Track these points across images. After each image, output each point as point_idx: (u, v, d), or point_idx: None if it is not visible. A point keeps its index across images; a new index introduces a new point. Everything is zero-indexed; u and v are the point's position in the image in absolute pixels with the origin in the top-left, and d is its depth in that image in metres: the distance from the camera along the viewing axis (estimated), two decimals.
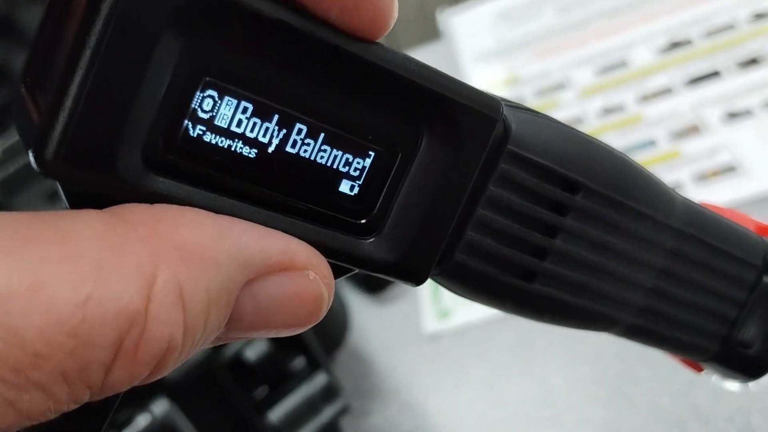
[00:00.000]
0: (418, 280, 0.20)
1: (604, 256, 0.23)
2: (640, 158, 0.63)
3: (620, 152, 0.23)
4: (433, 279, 0.21)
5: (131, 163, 0.16)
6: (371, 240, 0.20)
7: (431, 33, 0.89)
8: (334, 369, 0.59)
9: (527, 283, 0.22)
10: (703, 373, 0.28)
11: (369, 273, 0.20)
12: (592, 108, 0.70)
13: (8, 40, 0.61)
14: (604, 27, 0.77)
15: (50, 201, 0.44)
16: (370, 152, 0.19)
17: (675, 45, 0.71)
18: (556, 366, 0.55)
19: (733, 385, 0.28)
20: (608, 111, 0.69)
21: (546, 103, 0.73)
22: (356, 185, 0.19)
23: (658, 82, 0.69)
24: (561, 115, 0.71)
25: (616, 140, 0.66)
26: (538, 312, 0.23)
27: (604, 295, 0.23)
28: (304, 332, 0.56)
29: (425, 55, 0.88)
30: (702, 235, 0.24)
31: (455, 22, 0.86)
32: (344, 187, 0.19)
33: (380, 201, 0.20)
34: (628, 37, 0.74)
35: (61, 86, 0.15)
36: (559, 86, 0.74)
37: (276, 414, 0.50)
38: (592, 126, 0.68)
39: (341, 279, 0.20)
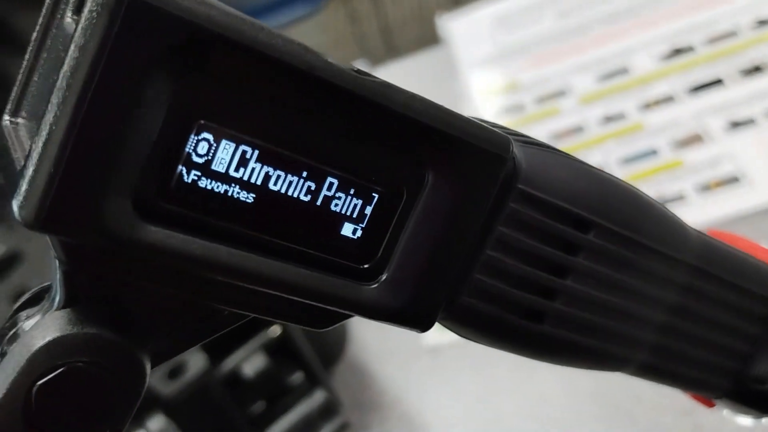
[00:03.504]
0: (424, 327, 0.19)
1: (616, 294, 0.22)
2: (641, 168, 0.63)
3: (633, 187, 0.22)
4: (439, 323, 0.20)
5: (120, 214, 0.15)
6: (374, 285, 0.19)
7: (429, 37, 0.88)
8: (333, 382, 0.58)
9: (537, 325, 0.21)
10: (714, 408, 0.27)
11: (371, 320, 0.19)
12: (592, 116, 0.69)
13: (4, 46, 0.60)
14: (605, 33, 0.76)
15: None
16: (374, 194, 0.18)
17: (677, 52, 0.70)
18: (556, 381, 0.55)
19: (745, 420, 0.27)
20: (609, 119, 0.68)
21: (546, 110, 0.72)
22: (359, 228, 0.18)
23: (659, 89, 0.68)
24: (561, 123, 0.70)
25: (617, 149, 0.65)
26: (548, 353, 0.22)
27: (616, 335, 0.22)
28: (303, 347, 0.54)
29: (424, 60, 0.88)
30: (716, 270, 0.24)
31: (454, 27, 0.85)
32: (346, 230, 0.18)
33: (384, 244, 0.19)
34: (629, 44, 0.73)
35: (46, 135, 0.14)
36: (560, 93, 0.73)
37: (274, 431, 0.50)
38: (593, 134, 0.67)
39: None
